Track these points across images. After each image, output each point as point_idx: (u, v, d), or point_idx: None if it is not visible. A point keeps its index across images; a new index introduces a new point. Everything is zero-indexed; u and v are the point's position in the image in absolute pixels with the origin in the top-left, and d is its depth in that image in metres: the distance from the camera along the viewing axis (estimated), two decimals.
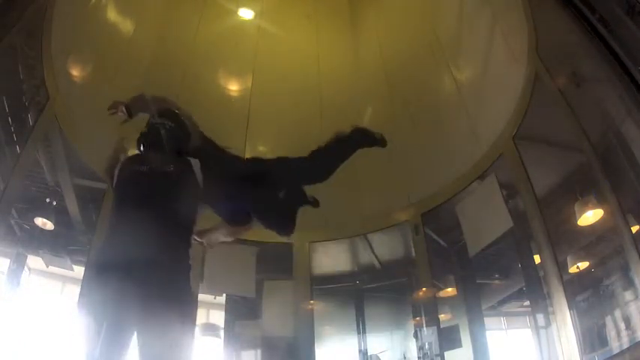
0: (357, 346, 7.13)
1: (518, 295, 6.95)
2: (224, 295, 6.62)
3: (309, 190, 3.10)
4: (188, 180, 2.57)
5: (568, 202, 5.39)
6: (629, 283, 4.75)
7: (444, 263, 6.75)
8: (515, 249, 5.98)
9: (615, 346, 4.94)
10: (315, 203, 3.10)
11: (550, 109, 4.80)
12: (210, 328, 6.54)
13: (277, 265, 6.78)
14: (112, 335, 2.12)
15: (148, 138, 2.64)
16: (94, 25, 5.46)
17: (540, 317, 5.94)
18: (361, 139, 3.17)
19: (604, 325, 5.22)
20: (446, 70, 6.33)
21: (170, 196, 2.46)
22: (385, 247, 7.24)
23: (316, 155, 3.04)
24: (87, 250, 5.54)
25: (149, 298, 2.15)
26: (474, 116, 5.99)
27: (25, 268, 5.74)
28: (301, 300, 6.46)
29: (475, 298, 6.68)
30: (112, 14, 5.82)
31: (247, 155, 6.58)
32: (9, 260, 5.51)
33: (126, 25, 5.97)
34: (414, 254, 6.61)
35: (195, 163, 2.63)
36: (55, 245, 5.72)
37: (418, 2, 6.71)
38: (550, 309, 5.10)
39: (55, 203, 5.46)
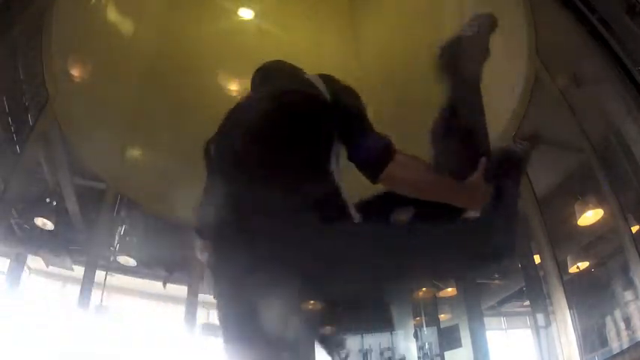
0: (357, 346, 7.14)
1: (518, 295, 6.95)
2: None
3: None
4: None
5: (568, 202, 5.38)
6: (629, 283, 4.76)
7: None
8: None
9: (615, 346, 4.94)
10: None
11: (550, 109, 4.80)
12: (210, 328, 6.53)
13: None
14: None
15: None
16: (94, 25, 5.46)
17: (540, 317, 5.95)
18: None
19: (604, 325, 5.21)
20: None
21: None
22: None
23: None
24: (87, 250, 5.55)
25: None
26: None
27: (25, 268, 5.75)
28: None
29: (475, 298, 6.68)
30: (113, 14, 5.81)
31: None
32: (9, 260, 5.52)
33: (126, 25, 5.96)
34: None
35: None
36: (55, 245, 5.70)
37: (419, 2, 6.71)
38: (550, 309, 5.11)
39: (55, 203, 5.45)
